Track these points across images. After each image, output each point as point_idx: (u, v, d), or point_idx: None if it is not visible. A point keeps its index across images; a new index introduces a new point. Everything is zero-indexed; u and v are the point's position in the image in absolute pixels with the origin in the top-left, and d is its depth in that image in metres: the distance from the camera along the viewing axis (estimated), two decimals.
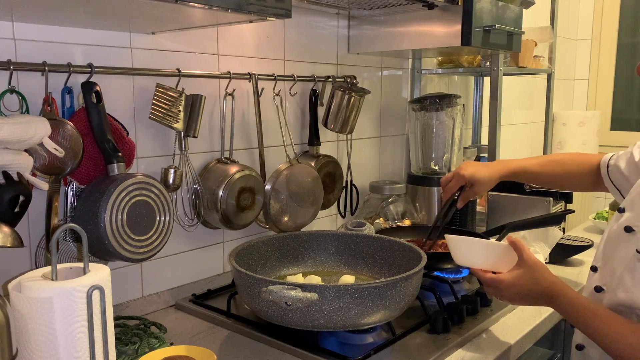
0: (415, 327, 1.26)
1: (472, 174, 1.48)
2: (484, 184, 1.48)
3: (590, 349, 1.15)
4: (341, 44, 1.88)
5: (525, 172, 1.50)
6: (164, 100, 1.32)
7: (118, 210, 1.17)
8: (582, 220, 2.56)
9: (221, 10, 1.01)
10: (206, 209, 1.45)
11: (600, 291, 1.13)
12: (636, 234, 1.06)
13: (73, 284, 0.77)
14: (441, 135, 2.07)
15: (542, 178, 1.52)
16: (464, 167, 1.50)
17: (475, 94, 2.61)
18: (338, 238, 1.53)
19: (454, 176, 1.51)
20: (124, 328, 1.24)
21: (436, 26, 1.69)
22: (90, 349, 0.77)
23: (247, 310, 1.34)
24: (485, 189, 1.51)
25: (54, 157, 1.12)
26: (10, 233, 0.99)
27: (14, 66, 1.08)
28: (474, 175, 1.48)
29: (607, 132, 3.51)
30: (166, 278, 1.45)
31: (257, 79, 1.53)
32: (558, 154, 1.59)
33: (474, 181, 1.48)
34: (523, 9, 1.86)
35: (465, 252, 1.24)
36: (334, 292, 1.08)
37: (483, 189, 1.50)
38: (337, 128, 1.74)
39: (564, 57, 3.41)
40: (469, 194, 1.52)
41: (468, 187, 1.50)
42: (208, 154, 1.51)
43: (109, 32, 1.28)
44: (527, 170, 1.50)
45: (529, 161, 1.52)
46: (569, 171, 1.47)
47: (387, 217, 1.96)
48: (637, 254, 1.03)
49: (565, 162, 1.48)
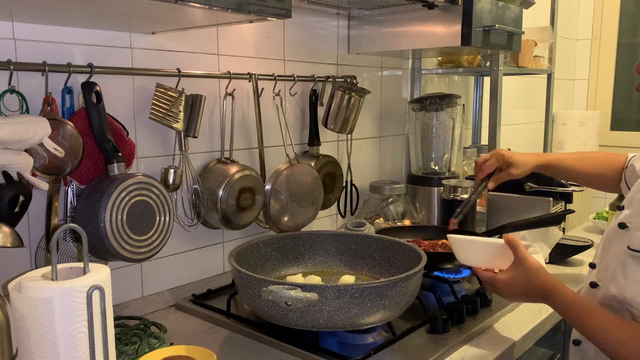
0: (415, 327, 1.26)
1: (510, 155, 1.49)
2: (521, 167, 1.48)
3: (586, 345, 1.15)
4: (341, 44, 1.88)
5: (561, 165, 1.49)
6: (164, 100, 1.32)
7: (118, 210, 1.17)
8: (582, 220, 2.56)
9: (221, 10, 1.01)
10: (206, 209, 1.45)
11: (595, 287, 1.14)
12: (629, 230, 1.06)
13: (73, 284, 0.77)
14: (441, 135, 2.07)
15: (575, 173, 1.50)
16: (502, 150, 1.52)
17: (475, 94, 2.61)
18: (338, 238, 1.52)
19: (493, 155, 1.51)
20: (124, 328, 1.24)
21: (436, 26, 1.69)
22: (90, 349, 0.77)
23: (247, 310, 1.34)
24: (521, 173, 1.50)
25: (54, 157, 1.12)
26: (10, 233, 0.99)
27: (14, 66, 1.08)
28: (513, 156, 1.48)
29: (607, 132, 3.51)
30: (166, 278, 1.45)
31: (257, 79, 1.53)
32: (590, 152, 1.58)
33: (512, 162, 1.48)
34: (523, 9, 1.86)
35: (466, 251, 1.26)
36: (334, 292, 1.08)
37: (519, 172, 1.50)
38: (337, 128, 1.74)
39: (564, 57, 3.41)
40: (504, 175, 1.52)
41: (504, 167, 1.50)
42: (208, 154, 1.51)
43: (109, 32, 1.28)
44: (563, 164, 1.49)
45: (564, 155, 1.52)
46: (601, 168, 1.45)
47: (387, 217, 1.96)
48: (628, 250, 1.04)
49: (599, 160, 1.47)
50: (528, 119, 3.10)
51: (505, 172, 1.51)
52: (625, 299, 1.04)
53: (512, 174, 1.51)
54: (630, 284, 1.03)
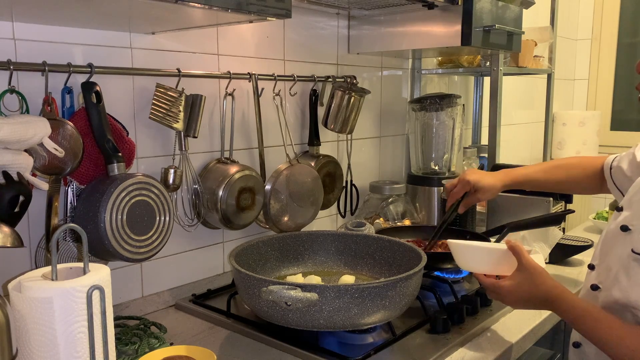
0: (415, 327, 1.26)
1: (477, 180, 1.52)
2: (488, 191, 1.52)
3: (587, 347, 1.15)
4: (341, 44, 1.88)
5: (530, 180, 1.53)
6: (164, 100, 1.32)
7: (118, 210, 1.17)
8: (582, 220, 2.56)
9: (221, 10, 1.01)
10: (206, 209, 1.45)
11: (597, 289, 1.13)
12: (632, 233, 1.06)
13: (73, 284, 0.77)
14: (441, 135, 2.07)
15: (546, 185, 1.53)
16: (469, 174, 1.54)
17: (475, 94, 2.61)
18: (338, 238, 1.52)
19: (460, 182, 1.55)
20: (124, 328, 1.24)
21: (436, 26, 1.69)
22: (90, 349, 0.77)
23: (247, 310, 1.34)
24: (488, 196, 1.55)
25: (54, 157, 1.12)
26: (10, 233, 0.99)
27: (14, 66, 1.08)
28: (479, 181, 1.52)
29: (607, 132, 3.51)
30: (166, 278, 1.45)
31: (257, 79, 1.53)
32: (561, 159, 1.60)
33: (478, 187, 1.52)
34: (523, 9, 1.86)
35: (467, 257, 1.25)
36: (334, 292, 1.08)
37: (486, 196, 1.54)
38: (337, 128, 1.74)
39: (564, 57, 3.41)
40: (472, 200, 1.56)
41: (472, 193, 1.54)
42: (208, 154, 1.51)
43: (109, 32, 1.28)
44: (531, 178, 1.52)
45: (532, 169, 1.54)
46: (573, 176, 1.47)
47: (387, 217, 1.96)
48: (632, 253, 1.04)
49: (569, 167, 1.49)
50: (528, 119, 3.10)
51: (473, 197, 1.55)
52: (630, 303, 1.03)
53: (480, 199, 1.56)
54: (634, 286, 1.03)
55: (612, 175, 1.36)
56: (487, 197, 1.56)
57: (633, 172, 1.27)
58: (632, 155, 1.28)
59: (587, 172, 1.44)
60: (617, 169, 1.33)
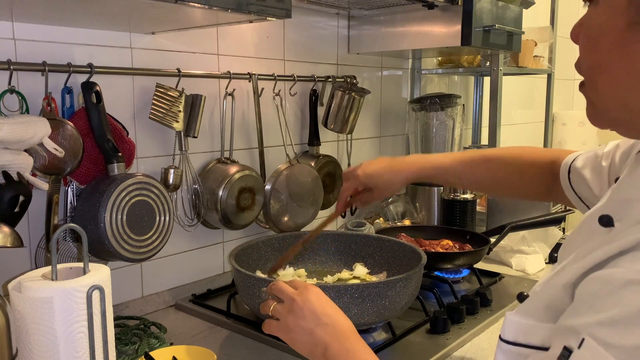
0: (415, 327, 1.26)
1: (370, 176, 1.22)
2: (384, 189, 1.24)
3: None
4: (341, 44, 1.88)
5: (444, 173, 1.18)
6: (164, 100, 1.32)
7: (118, 210, 1.17)
8: None
9: (221, 10, 1.01)
10: (206, 209, 1.45)
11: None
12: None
13: (73, 284, 0.77)
14: (441, 135, 2.07)
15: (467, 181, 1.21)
16: (365, 166, 1.24)
17: (475, 94, 2.61)
18: (338, 238, 1.52)
19: (350, 175, 1.26)
20: (124, 328, 1.23)
21: (436, 26, 1.69)
22: (90, 349, 0.77)
23: (247, 310, 1.34)
24: (386, 194, 1.28)
25: (54, 157, 1.12)
26: (10, 233, 0.99)
27: (14, 66, 1.08)
28: (372, 178, 1.22)
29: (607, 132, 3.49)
30: (166, 278, 1.45)
31: (257, 79, 1.53)
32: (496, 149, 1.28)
33: (371, 186, 1.24)
34: (523, 9, 1.86)
35: None
36: (334, 292, 1.08)
37: (384, 194, 1.27)
38: (337, 128, 1.74)
39: (564, 57, 3.39)
40: (367, 198, 1.27)
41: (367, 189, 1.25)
42: (208, 154, 1.51)
43: (109, 32, 1.28)
44: (446, 171, 1.17)
45: (450, 157, 1.19)
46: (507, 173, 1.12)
47: (387, 217, 1.96)
48: None
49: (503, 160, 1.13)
50: (528, 119, 3.10)
51: (368, 195, 1.26)
52: None
53: (376, 198, 1.26)
54: None
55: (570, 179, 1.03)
56: (385, 196, 1.31)
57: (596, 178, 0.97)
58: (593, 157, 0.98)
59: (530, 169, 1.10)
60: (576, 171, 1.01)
